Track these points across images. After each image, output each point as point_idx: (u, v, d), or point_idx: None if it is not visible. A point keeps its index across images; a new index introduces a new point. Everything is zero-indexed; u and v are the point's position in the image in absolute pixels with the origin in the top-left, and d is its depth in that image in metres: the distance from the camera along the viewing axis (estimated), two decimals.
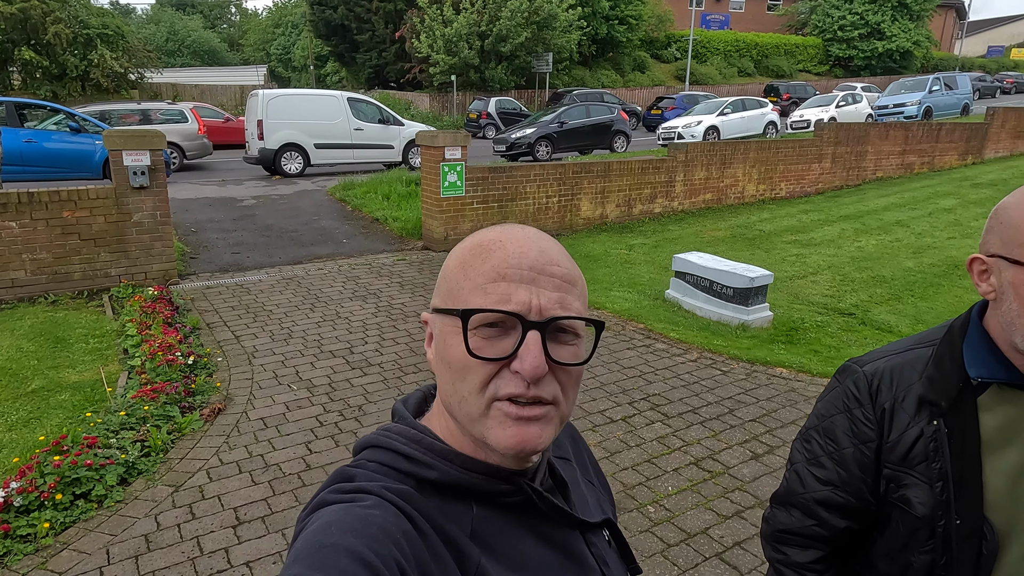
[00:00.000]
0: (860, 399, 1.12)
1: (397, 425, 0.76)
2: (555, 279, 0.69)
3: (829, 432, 1.15)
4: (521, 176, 8.86)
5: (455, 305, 0.69)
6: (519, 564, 0.70)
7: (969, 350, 1.05)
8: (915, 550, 1.06)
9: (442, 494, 0.70)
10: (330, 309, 6.16)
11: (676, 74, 35.66)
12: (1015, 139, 16.78)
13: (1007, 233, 0.98)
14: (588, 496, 0.86)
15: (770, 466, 3.67)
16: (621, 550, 0.86)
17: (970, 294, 6.98)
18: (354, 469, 0.71)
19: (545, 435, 0.68)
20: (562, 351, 0.68)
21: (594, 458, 0.97)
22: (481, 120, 23.69)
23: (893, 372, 1.11)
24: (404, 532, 0.63)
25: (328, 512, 0.64)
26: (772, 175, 11.67)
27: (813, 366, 5.03)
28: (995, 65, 48.77)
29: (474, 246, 0.72)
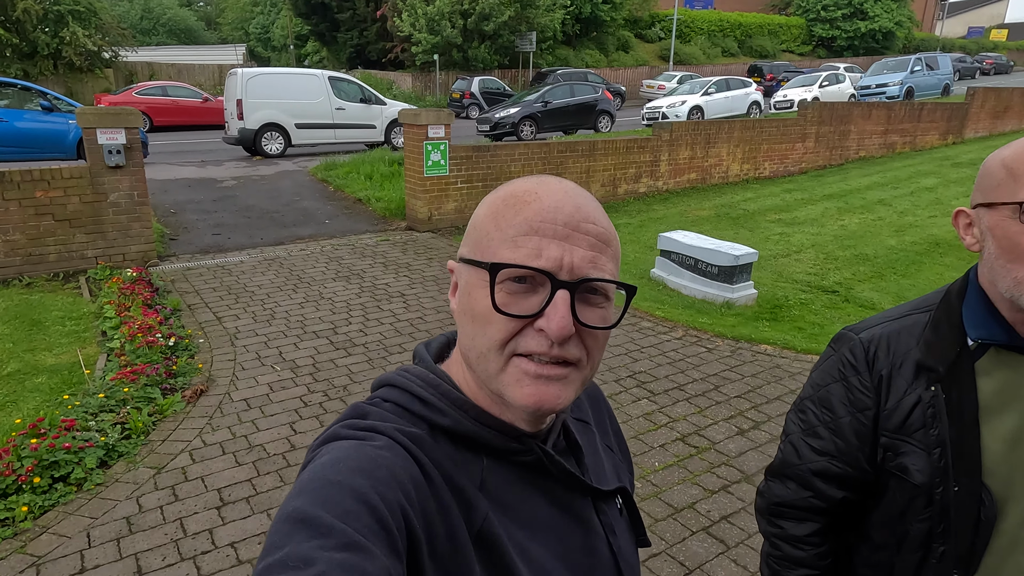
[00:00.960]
0: (857, 367, 1.10)
1: (416, 367, 0.74)
2: (590, 237, 0.66)
3: (825, 401, 1.13)
4: (506, 155, 8.78)
5: (484, 257, 0.66)
6: (526, 521, 0.69)
7: (968, 311, 1.03)
8: (913, 518, 1.04)
9: (454, 442, 0.69)
10: (313, 290, 6.08)
11: (660, 54, 35.50)
12: (994, 119, 16.94)
13: (983, 181, 0.99)
14: (605, 462, 0.84)
15: (755, 441, 3.69)
16: (632, 520, 0.83)
17: (951, 271, 7.06)
18: (369, 406, 0.70)
19: (564, 395, 0.66)
20: (590, 313, 0.66)
21: (616, 423, 0.94)
22: (464, 100, 23.44)
23: (890, 338, 1.08)
24: (412, 477, 0.61)
25: (339, 447, 0.63)
26: (756, 155, 11.68)
27: (797, 343, 5.06)
28: (975, 46, 49.11)
29: (508, 196, 0.69)
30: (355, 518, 0.55)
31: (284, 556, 0.52)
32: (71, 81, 23.76)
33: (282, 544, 0.53)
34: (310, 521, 0.54)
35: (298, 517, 0.55)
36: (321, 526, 0.54)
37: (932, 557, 1.03)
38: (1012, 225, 0.94)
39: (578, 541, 0.73)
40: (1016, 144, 0.97)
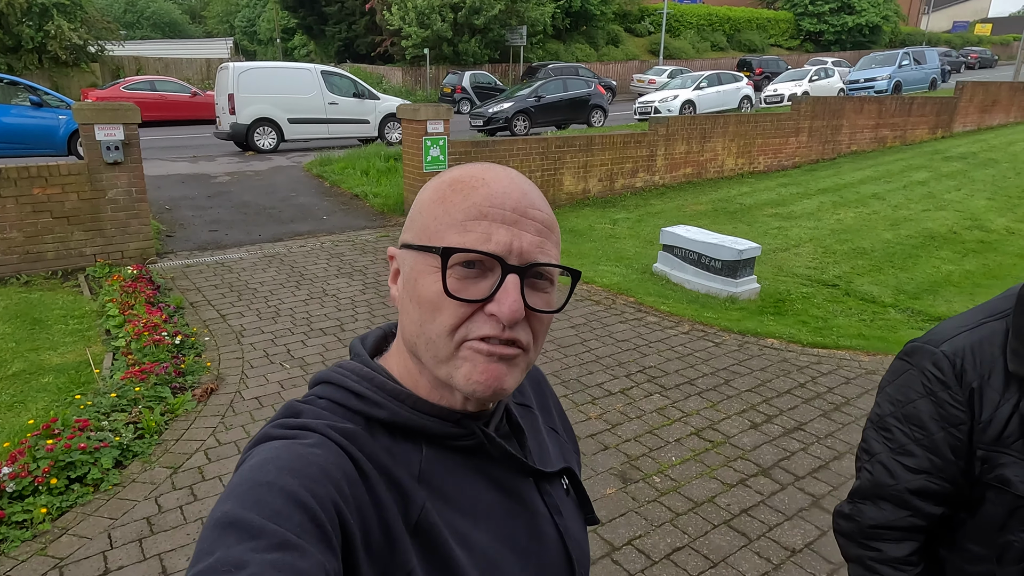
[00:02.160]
0: (946, 381, 1.07)
1: (351, 362, 0.73)
2: (536, 223, 0.67)
3: (913, 418, 1.10)
4: (504, 150, 8.76)
5: (431, 242, 0.66)
6: (467, 508, 0.69)
7: None
8: (1015, 529, 1.03)
9: (392, 434, 0.68)
10: (316, 287, 6.05)
11: (650, 48, 35.53)
12: (982, 113, 17.11)
13: None
14: (549, 444, 0.84)
15: (769, 435, 3.72)
16: (580, 499, 0.83)
17: (947, 265, 7.14)
18: (302, 404, 0.69)
19: (512, 377, 0.67)
20: (537, 298, 0.67)
21: (560, 406, 0.95)
22: (456, 94, 23.36)
23: (974, 349, 1.06)
24: (345, 473, 0.61)
25: (268, 448, 0.62)
26: (751, 149, 11.73)
27: (803, 336, 5.10)
28: (960, 40, 49.54)
29: (454, 181, 0.68)
30: (286, 518, 0.54)
31: (214, 562, 0.51)
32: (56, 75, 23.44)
33: (211, 550, 0.52)
34: (240, 524, 0.53)
35: (227, 521, 0.54)
36: (251, 528, 0.53)
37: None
38: None
39: (523, 524, 0.73)
40: None
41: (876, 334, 5.23)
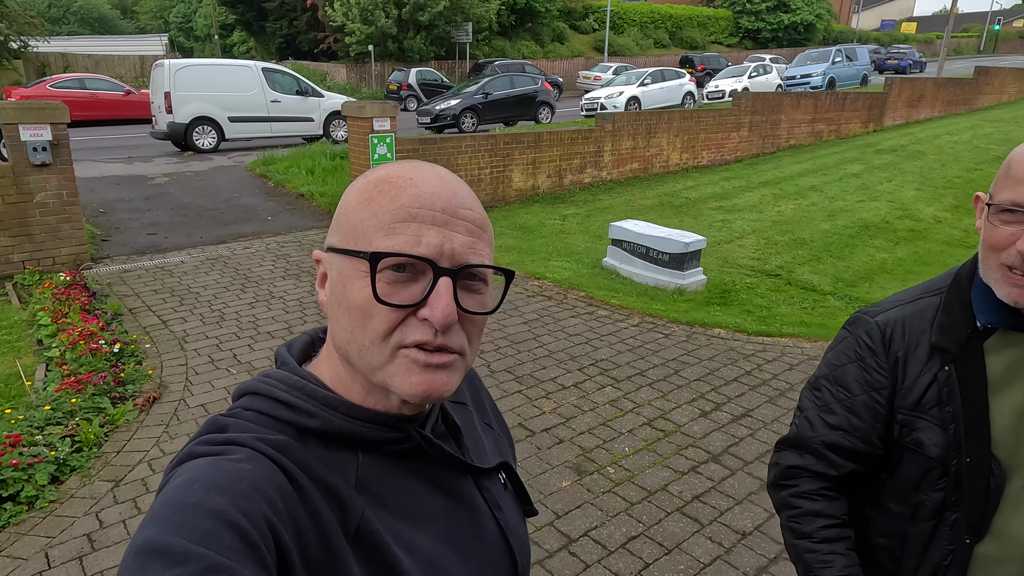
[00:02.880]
0: (873, 348, 1.15)
1: (278, 371, 0.71)
2: (467, 223, 0.66)
3: (841, 380, 1.18)
4: (452, 148, 8.72)
5: (358, 245, 0.64)
6: (407, 512, 0.68)
7: (976, 296, 1.10)
8: (927, 489, 1.10)
9: (325, 443, 0.66)
10: (262, 289, 5.90)
11: (595, 45, 35.91)
12: (910, 108, 17.90)
13: (997, 176, 1.07)
14: (485, 440, 0.84)
15: (718, 422, 3.82)
16: (518, 492, 0.84)
17: (881, 253, 7.45)
18: (228, 419, 0.66)
19: (451, 382, 0.65)
20: (470, 299, 0.66)
21: (493, 401, 0.95)
22: (402, 91, 23.12)
23: (905, 321, 1.14)
24: (278, 487, 0.59)
25: (193, 466, 0.59)
26: (695, 144, 11.99)
27: (748, 325, 5.25)
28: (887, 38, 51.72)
29: (380, 181, 0.66)
30: (215, 540, 0.52)
31: None
32: None
33: None
34: (165, 550, 0.50)
35: (150, 548, 0.51)
36: (178, 554, 0.50)
37: (945, 524, 1.09)
38: (988, 220, 1.04)
39: (464, 522, 0.73)
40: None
41: (817, 321, 5.42)
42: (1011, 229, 1.00)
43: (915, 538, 1.13)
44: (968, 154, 13.24)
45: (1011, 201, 1.00)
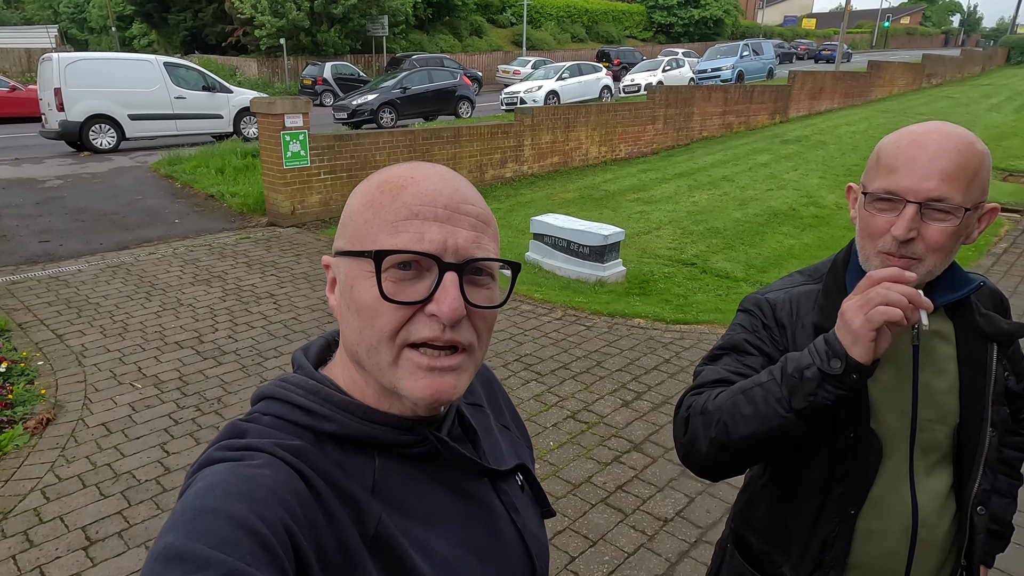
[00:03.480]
0: (766, 321, 1.19)
1: (295, 375, 0.71)
2: (470, 218, 0.66)
3: (737, 346, 1.20)
4: (370, 144, 8.53)
5: (364, 246, 0.65)
6: (424, 516, 0.68)
7: (851, 281, 1.14)
8: (816, 465, 1.14)
9: (342, 447, 0.67)
10: (170, 297, 5.59)
11: (513, 39, 36.01)
12: (812, 100, 18.87)
13: (868, 166, 1.10)
14: (502, 442, 0.84)
15: (639, 411, 3.89)
16: (535, 494, 0.84)
17: (789, 239, 7.81)
18: (246, 423, 0.66)
19: (460, 384, 0.66)
20: (478, 294, 0.66)
21: (510, 402, 0.95)
22: (317, 86, 22.48)
23: (792, 302, 1.19)
24: (296, 493, 0.59)
25: (213, 472, 0.59)
26: (612, 137, 12.21)
27: (666, 314, 5.38)
28: (790, 33, 54.36)
29: (382, 183, 0.67)
30: (235, 546, 0.52)
31: None
32: None
33: None
34: (185, 556, 0.51)
35: (171, 553, 0.51)
36: (198, 559, 0.50)
37: (832, 499, 1.13)
38: (864, 209, 1.08)
39: (481, 525, 0.73)
40: (900, 131, 1.08)
41: (731, 308, 5.62)
42: (886, 217, 1.04)
43: (806, 513, 1.17)
44: (864, 143, 14.07)
45: (884, 189, 1.03)
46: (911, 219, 1.00)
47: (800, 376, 0.99)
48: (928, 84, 26.78)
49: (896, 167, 1.03)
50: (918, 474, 1.14)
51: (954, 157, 1.00)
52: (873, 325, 0.93)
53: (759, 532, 1.27)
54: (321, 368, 0.74)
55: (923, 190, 1.00)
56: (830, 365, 0.96)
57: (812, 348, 1.01)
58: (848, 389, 0.97)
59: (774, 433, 1.02)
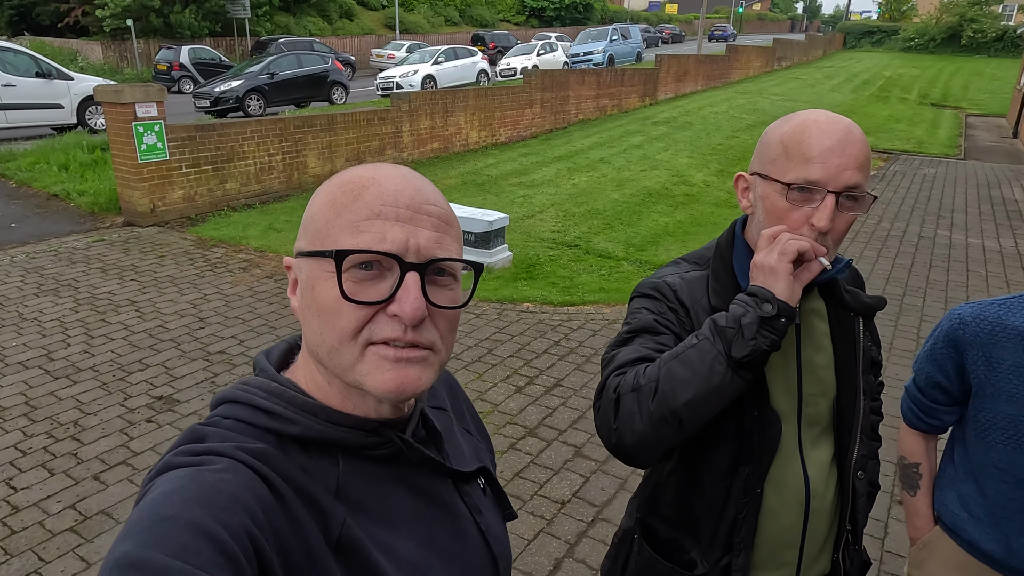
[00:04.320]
0: (671, 304, 1.18)
1: (257, 378, 0.70)
2: (432, 218, 0.66)
3: (648, 327, 1.17)
4: (236, 133, 8.00)
5: (325, 246, 0.64)
6: (389, 519, 0.68)
7: (737, 263, 1.17)
8: (723, 446, 1.16)
9: (306, 450, 0.66)
10: (9, 311, 4.98)
11: (386, 22, 35.10)
12: (678, 82, 19.82)
13: (763, 151, 1.11)
14: (464, 445, 0.85)
15: (532, 396, 3.92)
16: (496, 496, 0.85)
17: (664, 218, 8.16)
18: (206, 427, 0.65)
19: (425, 378, 0.66)
20: (440, 294, 0.66)
21: (472, 406, 0.96)
22: (174, 72, 20.81)
23: (687, 285, 1.19)
24: (259, 498, 0.58)
25: (172, 478, 0.57)
26: (492, 121, 12.21)
27: (554, 297, 5.46)
28: (655, 18, 56.77)
29: (344, 183, 0.66)
30: (194, 553, 0.50)
31: None
32: None
33: None
34: (142, 565, 0.49)
35: (127, 563, 0.49)
36: (155, 569, 0.49)
37: (739, 479, 1.16)
38: (779, 200, 1.07)
39: (446, 527, 0.74)
40: (794, 120, 1.08)
41: (614, 286, 5.80)
42: (804, 209, 1.04)
43: (713, 496, 1.19)
44: (726, 123, 14.98)
45: (805, 180, 1.03)
46: (833, 209, 1.02)
47: (738, 325, 0.99)
48: (779, 67, 28.90)
49: (811, 157, 1.02)
50: (806, 447, 1.18)
51: (860, 146, 1.03)
52: (788, 257, 0.99)
53: (666, 519, 1.27)
54: (283, 371, 0.73)
55: (842, 179, 1.01)
56: (763, 309, 0.99)
57: (739, 301, 1.02)
58: (780, 334, 0.99)
59: (714, 392, 1.00)
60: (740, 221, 1.22)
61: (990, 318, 1.28)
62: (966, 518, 1.39)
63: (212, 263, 6.18)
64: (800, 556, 1.21)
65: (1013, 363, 1.25)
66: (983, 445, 1.34)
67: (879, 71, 28.35)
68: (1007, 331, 1.26)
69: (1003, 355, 1.26)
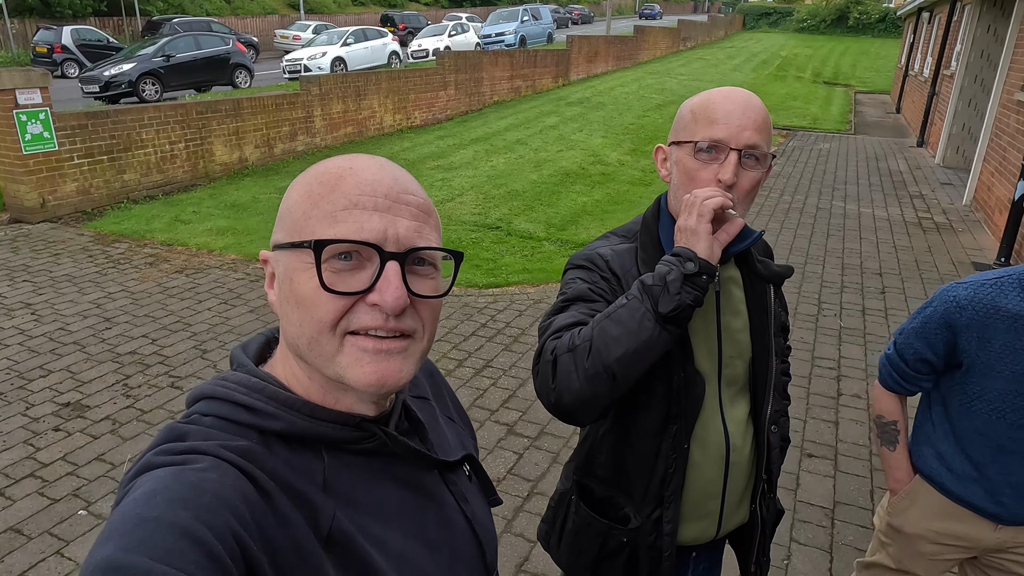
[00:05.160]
0: (604, 274, 1.24)
1: (236, 373, 0.68)
2: (412, 208, 0.66)
3: (582, 295, 1.22)
4: (133, 120, 7.52)
5: (303, 237, 0.64)
6: (377, 511, 0.68)
7: (664, 233, 1.25)
8: (653, 407, 1.24)
9: (290, 445, 0.65)
10: None
11: (289, 2, 33.70)
12: (589, 63, 20.11)
13: (676, 123, 1.21)
14: (448, 433, 0.85)
15: (462, 378, 3.95)
16: (481, 482, 0.86)
17: (582, 197, 8.32)
18: (187, 425, 0.63)
19: (406, 369, 0.66)
20: (421, 284, 0.66)
21: (453, 394, 0.96)
22: (55, 55, 19.28)
23: (617, 256, 1.25)
24: (245, 496, 0.57)
25: (154, 477, 0.56)
26: (406, 104, 12.02)
27: (478, 279, 5.49)
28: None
29: (321, 174, 0.66)
30: (179, 556, 0.49)
31: None
32: None
33: None
34: (125, 569, 0.48)
35: (109, 567, 0.48)
36: (138, 573, 0.48)
37: (668, 436, 1.24)
38: (690, 161, 1.16)
39: (433, 517, 0.74)
40: (704, 93, 1.18)
41: (537, 267, 5.88)
42: (712, 167, 1.14)
43: (645, 454, 1.27)
44: (637, 103, 15.36)
45: (710, 139, 1.13)
46: (736, 164, 1.12)
47: (664, 282, 1.05)
48: (684, 47, 29.81)
49: (716, 119, 1.13)
50: (725, 405, 1.28)
51: (759, 111, 1.14)
52: (707, 217, 1.07)
53: (601, 479, 1.35)
54: (261, 365, 0.71)
55: (743, 138, 1.12)
56: (686, 267, 1.05)
57: (664, 260, 1.09)
58: (702, 291, 1.06)
59: (644, 347, 1.05)
60: (664, 195, 1.29)
61: (985, 301, 1.38)
62: (945, 472, 1.54)
63: (115, 259, 5.83)
64: (722, 506, 1.32)
65: (1004, 343, 1.36)
66: (967, 414, 1.47)
67: (776, 51, 29.76)
68: (999, 313, 1.36)
69: (995, 336, 1.37)
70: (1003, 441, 1.43)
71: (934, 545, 1.60)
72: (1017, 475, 1.45)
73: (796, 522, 2.84)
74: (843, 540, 2.74)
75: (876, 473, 3.15)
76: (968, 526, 1.55)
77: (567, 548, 1.40)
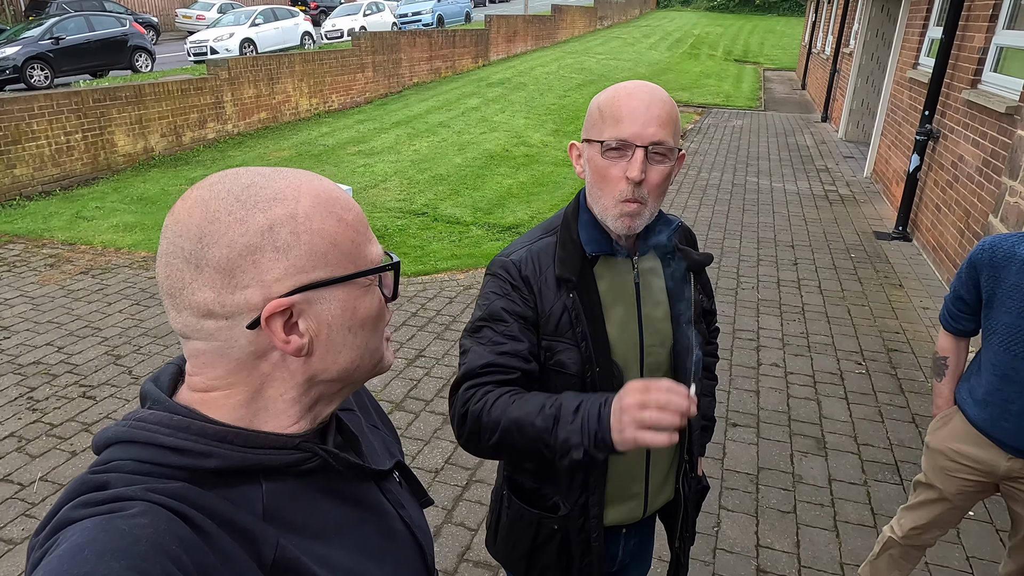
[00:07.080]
0: (514, 283, 1.26)
1: (153, 412, 0.63)
2: None
3: (495, 316, 1.24)
4: (20, 111, 6.96)
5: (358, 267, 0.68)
6: (320, 530, 0.68)
7: (583, 231, 1.27)
8: None
9: (225, 479, 0.62)
10: None
11: None
12: (508, 43, 20.02)
13: (587, 120, 1.23)
14: (375, 442, 0.86)
15: (395, 369, 3.91)
16: (412, 486, 0.87)
17: (507, 180, 8.32)
18: (104, 474, 0.58)
19: None
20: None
21: (375, 401, 0.96)
22: None
23: (532, 258, 1.27)
24: (180, 539, 0.54)
25: (79, 530, 0.52)
26: (322, 87, 11.65)
27: (407, 267, 5.42)
28: None
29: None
30: None
31: None
32: None
33: None
34: None
35: None
36: None
37: None
38: (600, 159, 1.18)
39: (374, 527, 0.75)
40: (610, 90, 1.20)
41: (465, 252, 5.86)
42: (620, 164, 1.16)
43: None
44: (558, 83, 15.43)
45: (615, 138, 1.15)
46: (642, 161, 1.14)
47: (567, 451, 1.05)
48: (601, 26, 30.11)
49: (620, 118, 1.15)
50: None
51: (664, 106, 1.16)
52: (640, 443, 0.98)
53: (529, 472, 1.38)
54: (174, 396, 0.67)
55: (647, 135, 1.14)
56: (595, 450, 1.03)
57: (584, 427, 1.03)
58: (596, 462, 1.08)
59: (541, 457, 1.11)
60: (584, 191, 1.31)
61: (1005, 247, 1.67)
62: (969, 400, 1.85)
63: (9, 262, 5.41)
64: (647, 488, 1.38)
65: (1013, 283, 1.64)
66: (988, 346, 1.76)
67: (689, 30, 30.51)
68: (1014, 258, 1.64)
69: (1007, 276, 1.65)
70: (1007, 370, 1.70)
71: (950, 462, 1.90)
72: (1017, 403, 1.70)
73: (724, 490, 2.97)
74: (767, 504, 2.89)
75: (795, 438, 3.34)
76: (982, 451, 1.82)
77: (503, 542, 1.45)
